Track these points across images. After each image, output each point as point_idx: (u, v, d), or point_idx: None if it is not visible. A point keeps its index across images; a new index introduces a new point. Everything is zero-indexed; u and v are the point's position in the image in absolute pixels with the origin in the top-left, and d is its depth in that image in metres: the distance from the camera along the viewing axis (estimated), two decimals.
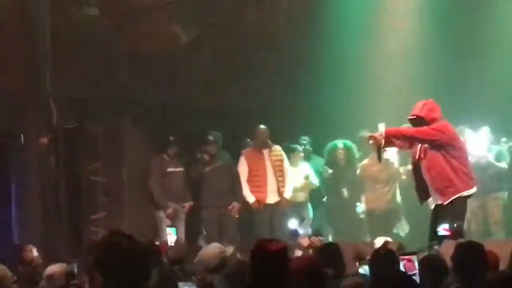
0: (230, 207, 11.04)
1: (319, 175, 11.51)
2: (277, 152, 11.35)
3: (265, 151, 11.28)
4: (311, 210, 11.42)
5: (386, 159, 10.89)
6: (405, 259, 5.62)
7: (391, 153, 10.91)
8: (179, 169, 11.16)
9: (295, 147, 11.42)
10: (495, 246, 6.52)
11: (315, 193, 11.45)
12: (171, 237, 7.97)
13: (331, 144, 11.40)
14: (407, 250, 6.23)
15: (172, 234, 7.97)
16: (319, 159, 11.71)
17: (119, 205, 11.43)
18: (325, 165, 11.44)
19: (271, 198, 11.25)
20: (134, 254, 3.98)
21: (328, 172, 11.20)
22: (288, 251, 4.45)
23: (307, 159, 11.66)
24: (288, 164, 11.37)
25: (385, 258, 5.88)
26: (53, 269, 6.27)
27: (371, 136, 8.41)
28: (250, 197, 11.17)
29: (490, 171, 10.57)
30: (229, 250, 6.70)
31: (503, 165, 10.67)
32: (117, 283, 3.87)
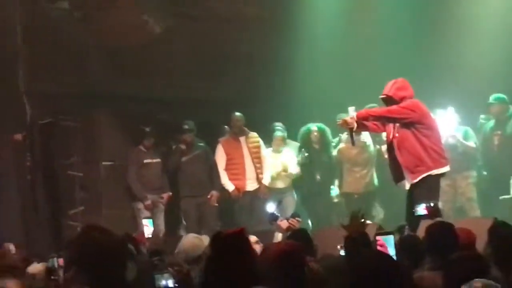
0: (209, 196, 11.04)
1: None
2: (253, 139, 11.35)
3: (242, 139, 11.28)
4: (295, 195, 11.43)
5: (363, 142, 10.94)
6: (380, 240, 5.63)
7: (366, 135, 10.95)
8: (156, 160, 11.13)
9: (276, 133, 11.38)
10: (472, 224, 6.55)
11: (297, 179, 11.46)
12: (148, 228, 7.94)
13: (305, 127, 11.35)
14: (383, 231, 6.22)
15: (149, 225, 7.94)
16: (295, 144, 11.70)
17: (97, 199, 11.41)
18: (298, 149, 11.39)
19: (250, 185, 11.26)
20: (109, 247, 3.97)
21: (304, 155, 11.16)
22: (245, 233, 4.43)
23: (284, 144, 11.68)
24: (265, 150, 11.37)
25: (358, 240, 5.90)
26: (36, 267, 6.29)
27: (343, 120, 8.40)
28: (229, 185, 11.17)
29: (459, 150, 10.64)
30: (207, 240, 6.68)
31: (471, 144, 10.75)
32: (94, 277, 3.86)
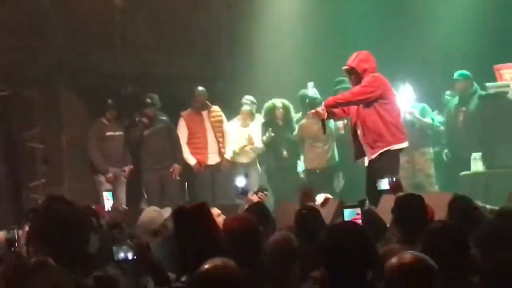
0: (171, 170, 11.03)
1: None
2: (216, 113, 11.34)
3: (204, 113, 11.27)
4: (260, 170, 11.47)
5: None
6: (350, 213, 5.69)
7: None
8: (118, 133, 11.07)
9: (244, 107, 11.37)
10: (429, 199, 6.61)
11: (262, 155, 11.49)
12: (108, 201, 7.90)
13: (270, 103, 11.35)
14: (348, 203, 6.27)
15: (109, 198, 7.89)
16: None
17: (58, 171, 11.33)
18: (263, 125, 11.41)
19: (212, 159, 11.27)
20: (73, 219, 3.97)
21: (271, 135, 11.18)
22: (207, 207, 4.45)
23: (252, 118, 11.68)
24: (227, 124, 11.37)
25: (308, 215, 5.96)
26: None
27: (315, 111, 8.53)
28: (191, 159, 11.17)
29: (416, 127, 10.75)
30: (167, 213, 6.69)
31: (428, 120, 10.87)
32: (56, 249, 3.85)
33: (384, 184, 7.35)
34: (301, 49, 12.19)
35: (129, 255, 4.52)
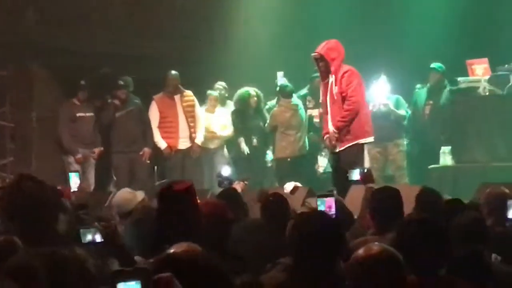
0: (141, 153, 10.99)
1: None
2: (188, 97, 11.30)
3: (177, 97, 11.22)
4: (227, 156, 11.48)
5: (295, 105, 10.99)
6: (325, 202, 5.69)
7: (295, 98, 11.03)
8: (89, 114, 11.00)
9: (209, 92, 11.39)
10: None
11: (230, 142, 11.49)
12: (74, 182, 7.83)
13: (244, 91, 11.34)
14: (321, 193, 6.29)
15: (75, 179, 7.82)
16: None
17: (27, 150, 11.25)
18: (235, 113, 11.41)
19: (183, 143, 11.23)
20: (42, 198, 3.94)
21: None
22: (193, 189, 4.44)
23: (222, 104, 11.67)
24: (199, 109, 11.35)
25: (275, 203, 5.98)
26: None
27: (327, 139, 8.67)
28: (161, 143, 11.12)
29: (390, 118, 10.82)
30: (140, 195, 6.67)
31: (402, 112, 10.94)
32: (25, 228, 3.83)
33: (355, 174, 7.38)
34: (278, 36, 12.20)
35: (97, 238, 4.49)
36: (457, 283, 3.86)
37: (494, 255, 4.78)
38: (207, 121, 11.36)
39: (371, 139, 8.81)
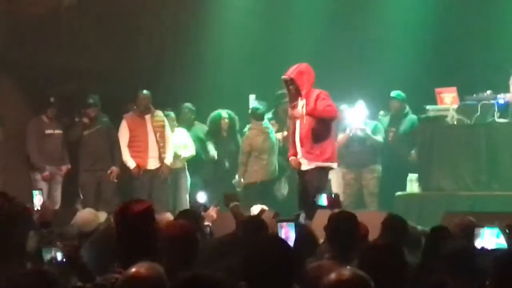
0: (109, 172, 10.95)
1: (200, 142, 11.53)
2: (158, 117, 11.27)
3: (147, 117, 11.20)
4: (189, 177, 11.47)
5: (267, 128, 10.98)
6: (283, 227, 5.72)
7: (267, 122, 11.02)
8: (57, 132, 10.96)
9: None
10: (366, 217, 6.69)
11: (192, 161, 11.47)
12: (38, 200, 7.78)
13: (216, 113, 11.37)
14: (284, 217, 6.31)
15: (39, 197, 7.78)
16: (202, 126, 11.70)
17: None
18: (207, 135, 11.43)
19: (152, 163, 11.19)
20: (14, 215, 3.91)
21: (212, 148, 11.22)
22: (153, 210, 4.43)
23: (190, 125, 11.65)
24: (169, 130, 11.33)
25: (253, 225, 5.98)
26: None
27: (292, 160, 8.74)
28: (130, 162, 11.08)
29: (367, 144, 10.86)
30: (103, 216, 6.65)
31: (379, 138, 10.98)
32: None
33: (322, 199, 7.40)
34: (249, 58, 12.25)
35: (58, 256, 4.48)
36: None
37: None
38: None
39: (335, 165, 8.85)
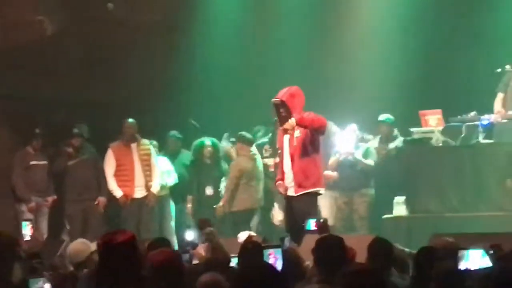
0: (96, 202, 10.92)
1: (185, 168, 11.53)
2: (145, 146, 11.26)
3: (133, 145, 11.18)
4: (173, 206, 11.46)
5: (254, 154, 10.95)
6: (271, 253, 5.72)
7: (254, 148, 11.01)
8: (42, 162, 10.94)
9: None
10: (354, 240, 6.69)
11: (175, 189, 11.46)
12: (26, 231, 7.77)
13: (199, 141, 11.37)
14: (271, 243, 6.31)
15: (28, 228, 7.77)
16: (188, 153, 11.70)
17: None
18: (191, 162, 11.43)
19: (139, 192, 11.16)
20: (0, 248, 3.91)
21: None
22: (136, 241, 4.42)
23: (176, 153, 11.63)
24: (156, 158, 11.31)
25: (252, 250, 5.97)
26: None
27: (280, 185, 8.71)
28: (117, 191, 11.04)
29: (357, 168, 10.86)
30: (94, 246, 6.64)
31: (370, 162, 10.96)
32: None
33: (311, 224, 7.41)
34: (236, 82, 12.31)
35: (46, 287, 4.47)
36: None
37: None
38: None
39: (322, 190, 8.76)
